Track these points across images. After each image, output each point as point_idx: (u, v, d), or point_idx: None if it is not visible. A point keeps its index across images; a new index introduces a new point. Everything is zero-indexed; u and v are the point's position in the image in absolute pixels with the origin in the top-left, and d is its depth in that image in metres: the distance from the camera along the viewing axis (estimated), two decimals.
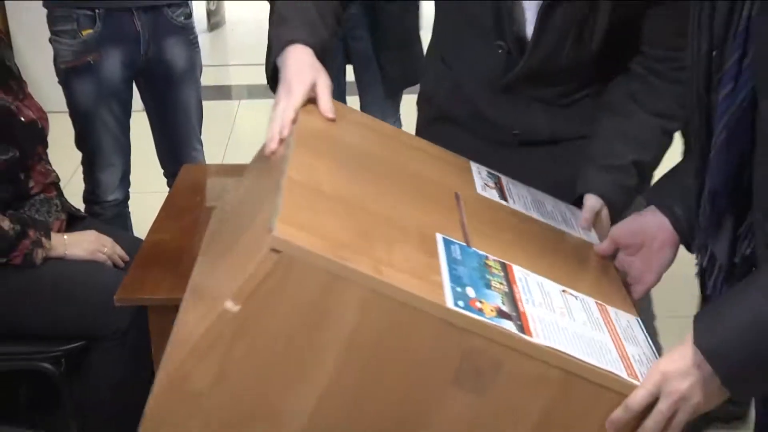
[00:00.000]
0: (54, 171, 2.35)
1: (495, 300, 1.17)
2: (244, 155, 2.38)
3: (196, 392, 1.12)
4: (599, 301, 1.36)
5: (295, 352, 1.12)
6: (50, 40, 2.74)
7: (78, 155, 2.86)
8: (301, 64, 1.56)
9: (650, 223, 1.48)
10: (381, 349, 1.13)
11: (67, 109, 2.80)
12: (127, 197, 2.90)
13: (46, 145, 2.31)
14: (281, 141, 1.47)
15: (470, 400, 1.15)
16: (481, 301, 1.15)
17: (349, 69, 3.33)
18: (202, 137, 3.02)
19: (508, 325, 1.13)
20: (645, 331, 1.38)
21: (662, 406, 1.16)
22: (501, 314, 1.14)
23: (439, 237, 1.27)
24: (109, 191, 2.84)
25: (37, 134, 2.25)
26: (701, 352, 1.13)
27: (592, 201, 1.66)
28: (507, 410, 1.18)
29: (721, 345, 1.14)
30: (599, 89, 1.85)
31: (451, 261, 1.22)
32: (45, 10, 2.75)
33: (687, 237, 1.44)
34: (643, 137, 1.74)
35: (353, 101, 3.06)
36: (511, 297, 1.21)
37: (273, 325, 1.10)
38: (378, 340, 1.12)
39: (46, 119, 2.31)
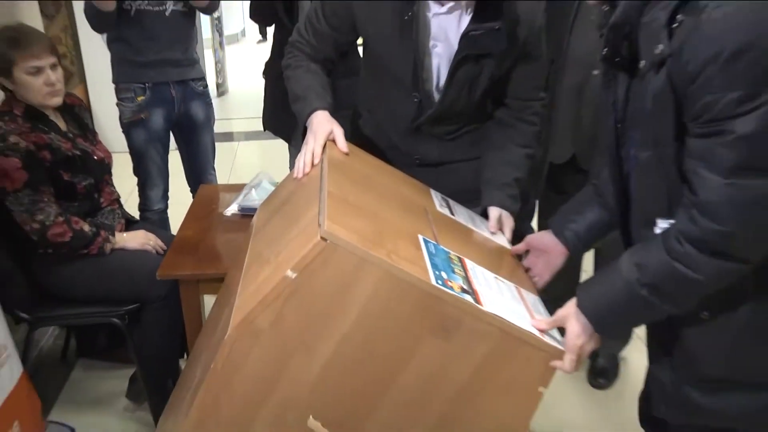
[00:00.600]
0: (116, 191, 2.39)
1: (458, 281, 1.22)
2: (241, 179, 2.49)
3: (259, 330, 1.15)
4: (516, 285, 1.40)
5: (329, 309, 1.15)
6: (117, 104, 2.79)
7: (133, 180, 2.91)
8: (321, 119, 1.59)
9: (550, 239, 1.51)
10: (386, 310, 1.15)
11: (126, 150, 2.83)
12: (166, 207, 2.94)
13: (110, 174, 2.35)
14: (312, 166, 1.50)
15: (439, 344, 1.18)
16: (451, 281, 1.19)
17: None
18: (215, 166, 3.07)
19: (468, 298, 1.18)
20: (543, 305, 1.41)
21: (570, 356, 1.21)
22: (463, 290, 1.19)
23: (420, 237, 1.30)
24: (155, 203, 2.90)
25: (104, 168, 2.30)
26: (582, 312, 1.20)
27: (494, 212, 1.68)
28: (461, 353, 1.20)
29: (594, 307, 1.20)
30: (473, 128, 1.83)
31: (430, 254, 1.25)
32: (113, 85, 2.78)
33: (572, 251, 1.49)
34: (517, 162, 1.75)
35: None
36: (467, 280, 1.25)
37: (317, 289, 1.13)
38: (385, 304, 1.15)
39: (111, 157, 2.35)
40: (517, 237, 3.29)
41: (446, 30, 1.64)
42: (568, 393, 2.51)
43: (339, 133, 1.57)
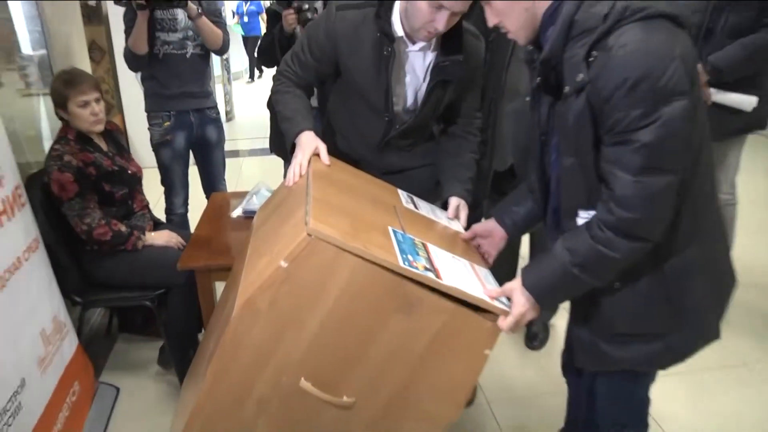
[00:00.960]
0: (146, 199, 2.41)
1: (422, 261, 1.21)
2: (246, 187, 2.45)
3: (259, 310, 1.16)
4: (470, 261, 1.38)
5: (315, 291, 1.15)
6: (148, 129, 2.83)
7: (160, 189, 2.93)
8: (308, 138, 1.58)
9: (493, 226, 1.52)
10: (361, 291, 1.16)
11: (154, 165, 2.87)
12: (187, 211, 2.96)
13: (141, 185, 2.38)
14: (300, 176, 1.50)
15: (402, 320, 1.19)
16: (416, 262, 1.19)
17: None
18: (225, 178, 3.08)
19: (430, 275, 1.18)
20: (493, 277, 1.39)
21: (512, 320, 1.22)
22: (426, 269, 1.19)
23: (390, 228, 1.29)
24: (178, 208, 2.93)
25: (136, 180, 2.34)
26: (526, 289, 1.22)
27: (454, 201, 1.67)
28: (422, 325, 1.20)
29: (536, 284, 1.22)
30: (424, 142, 1.86)
31: (398, 241, 1.25)
32: (143, 111, 2.82)
33: (510, 235, 1.51)
34: (468, 164, 1.78)
35: None
36: (429, 260, 1.24)
37: (305, 275, 1.14)
38: (360, 286, 1.16)
39: (141, 171, 2.38)
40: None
41: (414, 64, 1.67)
42: (510, 354, 2.55)
43: (323, 148, 1.57)
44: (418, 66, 1.68)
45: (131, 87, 4.55)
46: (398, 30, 1.61)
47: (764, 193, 2.95)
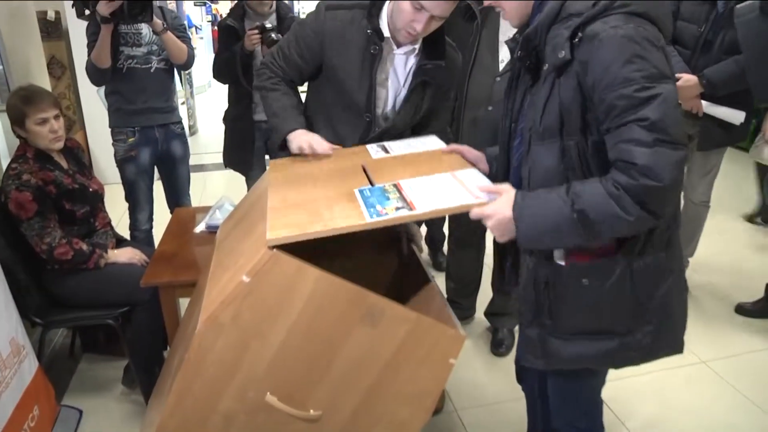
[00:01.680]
0: (108, 216, 2.37)
1: (393, 203, 1.21)
2: (210, 202, 2.43)
3: (222, 324, 1.16)
4: (451, 173, 1.37)
5: (278, 305, 1.15)
6: (112, 144, 2.78)
7: (124, 205, 2.88)
8: (300, 133, 1.62)
9: (479, 155, 1.51)
10: (323, 304, 1.16)
11: (118, 181, 2.81)
12: (151, 227, 2.92)
13: (103, 203, 2.34)
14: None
15: (366, 330, 1.20)
16: (385, 208, 1.19)
17: None
18: (189, 192, 3.05)
19: (403, 212, 1.17)
20: (480, 171, 1.39)
21: (479, 210, 1.19)
22: (398, 209, 1.19)
23: (356, 191, 1.30)
24: (143, 224, 2.88)
25: (98, 197, 2.30)
26: (515, 208, 1.17)
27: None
28: (385, 335, 1.21)
29: (526, 203, 1.16)
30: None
31: (364, 198, 1.25)
32: (105, 127, 2.77)
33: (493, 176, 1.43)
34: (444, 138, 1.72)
35: None
36: (402, 197, 1.24)
37: (267, 289, 1.14)
38: (322, 299, 1.16)
39: (103, 188, 2.35)
40: (433, 243, 3.31)
41: (397, 67, 1.71)
42: (477, 361, 2.57)
43: (317, 138, 1.59)
44: (400, 70, 1.72)
45: (93, 103, 4.47)
46: (386, 31, 1.65)
47: (720, 197, 3.04)
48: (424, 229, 3.21)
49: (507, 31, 2.00)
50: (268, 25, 2.60)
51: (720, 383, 2.41)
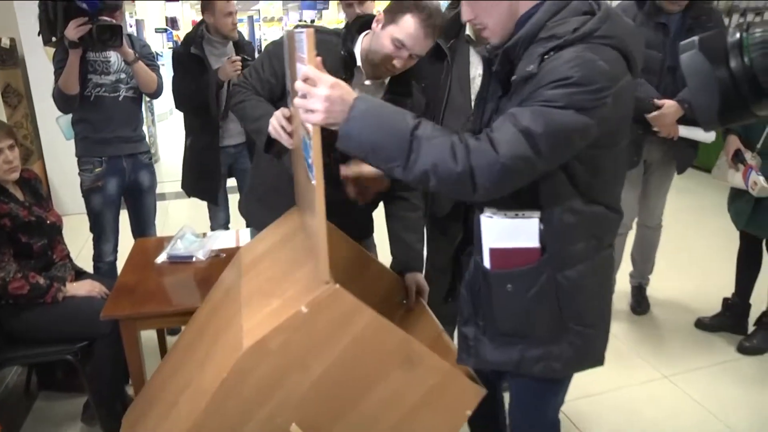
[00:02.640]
0: (67, 248, 2.32)
1: None
2: (173, 231, 2.40)
3: (268, 351, 1.17)
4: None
5: (326, 339, 1.18)
6: (78, 174, 2.73)
7: (85, 235, 2.81)
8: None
9: None
10: (369, 344, 1.20)
11: (79, 211, 2.73)
12: (116, 259, 2.85)
13: (61, 235, 2.30)
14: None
15: (402, 374, 1.23)
16: None
17: None
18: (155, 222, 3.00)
19: None
20: None
21: (301, 84, 1.10)
22: None
23: None
24: (107, 256, 2.81)
25: (56, 230, 2.26)
26: (352, 104, 1.08)
27: (409, 282, 1.74)
28: (416, 382, 1.25)
29: (360, 110, 1.08)
30: None
31: None
32: (67, 156, 2.77)
33: None
34: (414, 225, 1.82)
35: None
36: None
37: (321, 323, 1.16)
38: (369, 340, 1.19)
39: (61, 220, 2.30)
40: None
41: None
42: None
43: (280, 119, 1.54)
44: None
45: (52, 132, 4.39)
46: (358, 60, 1.68)
47: (679, 211, 3.14)
48: None
49: (477, 67, 1.98)
50: (248, 58, 2.63)
51: (683, 397, 2.46)
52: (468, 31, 1.94)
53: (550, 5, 1.14)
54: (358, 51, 1.69)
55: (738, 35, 0.61)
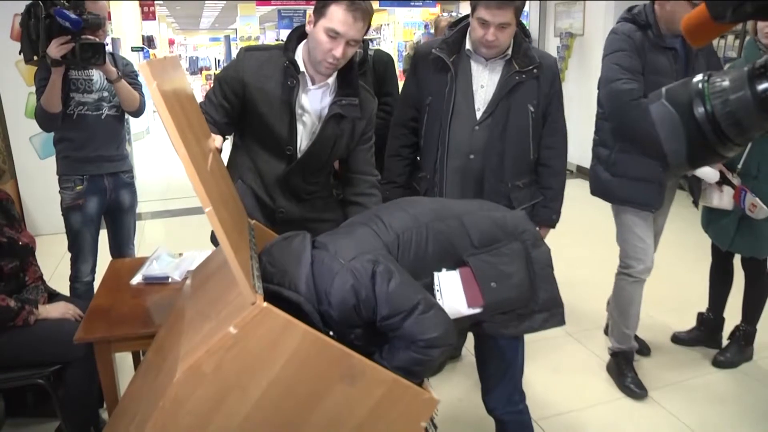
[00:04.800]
0: (39, 270, 2.28)
1: None
2: (149, 252, 2.39)
3: (203, 375, 1.16)
4: None
5: (261, 358, 1.17)
6: (59, 192, 2.69)
7: (60, 256, 2.79)
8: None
9: None
10: (306, 361, 1.19)
11: (54, 231, 2.72)
12: (93, 279, 2.80)
13: (34, 256, 2.26)
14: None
15: (345, 389, 1.23)
16: None
17: None
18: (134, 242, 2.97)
19: None
20: None
21: None
22: None
23: None
24: (85, 276, 2.77)
25: (29, 251, 2.22)
26: None
27: None
28: (362, 396, 1.24)
29: None
30: (323, 194, 1.93)
31: None
32: (41, 176, 2.74)
33: None
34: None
35: None
36: None
37: (252, 342, 1.15)
38: (305, 356, 1.19)
39: (34, 242, 2.26)
40: None
41: (312, 103, 1.80)
42: None
43: (218, 138, 1.66)
44: (316, 105, 1.81)
45: (26, 151, 4.35)
46: (302, 66, 1.77)
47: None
48: None
49: (479, 79, 2.10)
50: None
51: (660, 412, 2.48)
52: (468, 46, 2.08)
53: None
54: (300, 59, 1.77)
55: (700, 85, 0.67)
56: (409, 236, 1.42)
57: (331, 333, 1.29)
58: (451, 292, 1.38)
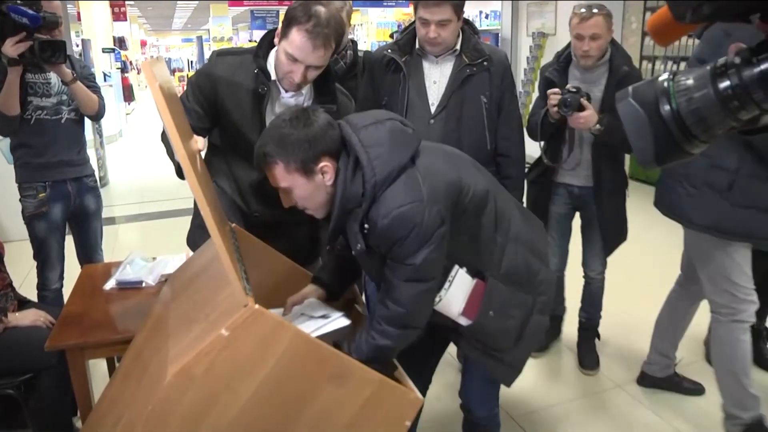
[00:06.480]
0: (9, 277, 2.24)
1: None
2: (122, 256, 2.35)
3: (193, 377, 1.16)
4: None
5: (251, 360, 1.18)
6: (20, 200, 2.63)
7: (29, 263, 2.72)
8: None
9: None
10: (295, 362, 1.20)
11: (21, 238, 2.63)
12: (62, 286, 2.76)
13: (2, 263, 2.22)
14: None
15: (333, 389, 1.24)
16: None
17: None
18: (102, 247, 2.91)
19: None
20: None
21: None
22: None
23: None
24: (53, 283, 2.72)
25: None
26: None
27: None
28: (350, 396, 1.26)
29: None
30: None
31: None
32: (8, 181, 2.62)
33: None
34: None
35: None
36: None
37: (243, 344, 1.16)
38: (294, 357, 1.20)
39: (3, 248, 2.23)
40: None
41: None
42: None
43: (200, 140, 1.64)
44: None
45: None
46: (273, 74, 1.72)
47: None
48: None
49: (431, 75, 2.14)
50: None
51: (635, 405, 2.53)
52: (418, 45, 2.14)
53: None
54: (271, 66, 1.73)
55: (665, 84, 0.68)
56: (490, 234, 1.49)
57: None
58: (457, 291, 1.42)
